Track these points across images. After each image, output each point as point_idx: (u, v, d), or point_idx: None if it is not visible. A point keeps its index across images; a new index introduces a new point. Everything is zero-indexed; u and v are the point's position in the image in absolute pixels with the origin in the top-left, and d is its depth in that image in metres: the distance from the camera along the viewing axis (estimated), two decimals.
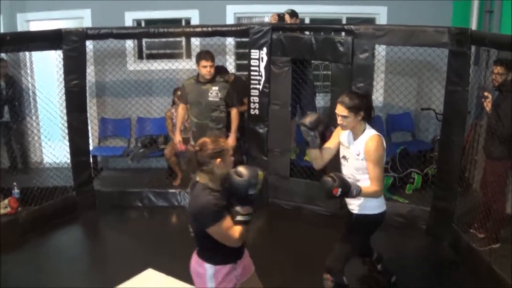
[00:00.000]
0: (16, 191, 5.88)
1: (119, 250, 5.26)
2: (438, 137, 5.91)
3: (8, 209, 5.58)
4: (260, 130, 6.10)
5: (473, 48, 4.91)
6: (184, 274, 3.55)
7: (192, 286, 3.44)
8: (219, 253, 2.90)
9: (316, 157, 3.75)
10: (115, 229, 5.89)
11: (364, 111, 3.52)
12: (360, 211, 3.68)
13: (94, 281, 4.68)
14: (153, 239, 5.42)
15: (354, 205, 3.70)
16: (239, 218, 2.83)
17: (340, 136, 3.74)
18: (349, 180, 3.41)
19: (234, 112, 5.79)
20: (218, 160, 2.84)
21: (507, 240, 4.79)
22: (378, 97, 7.19)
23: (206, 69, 5.51)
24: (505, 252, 4.48)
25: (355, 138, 3.60)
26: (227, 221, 2.79)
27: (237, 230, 2.82)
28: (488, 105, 4.74)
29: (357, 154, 3.56)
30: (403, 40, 5.29)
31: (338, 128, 3.71)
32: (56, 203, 5.93)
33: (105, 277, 4.66)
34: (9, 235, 5.15)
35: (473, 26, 6.24)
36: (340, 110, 3.51)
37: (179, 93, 6.07)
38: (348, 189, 3.31)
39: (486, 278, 4.37)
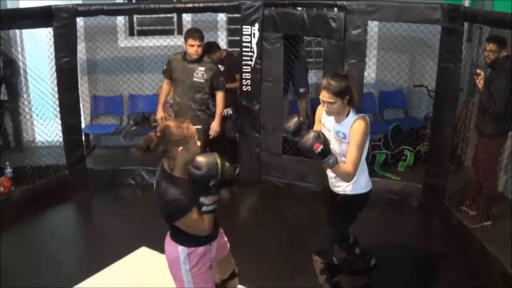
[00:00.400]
0: (8, 170, 5.89)
1: (112, 229, 5.27)
2: (431, 114, 5.91)
3: (1, 189, 5.58)
4: (253, 107, 6.09)
5: (466, 25, 4.88)
6: None
7: None
8: (192, 235, 2.79)
9: None
10: (108, 208, 5.90)
11: (350, 93, 3.35)
12: (346, 191, 3.60)
13: (87, 259, 4.72)
14: (146, 217, 5.35)
15: (339, 187, 3.63)
16: (204, 209, 2.69)
17: (322, 118, 3.63)
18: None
19: (219, 95, 5.52)
20: (180, 148, 2.67)
21: (498, 218, 4.85)
22: (370, 73, 7.16)
23: (192, 49, 5.29)
24: (497, 230, 4.52)
25: (338, 121, 3.47)
26: (195, 213, 2.68)
27: (205, 220, 2.71)
28: (480, 83, 4.75)
29: (342, 137, 3.43)
30: (395, 16, 5.26)
31: (318, 110, 3.63)
32: (49, 182, 5.91)
33: (98, 256, 4.67)
34: (2, 214, 5.14)
35: (466, 3, 6.20)
36: (326, 96, 3.33)
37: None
38: (328, 152, 3.17)
39: (477, 256, 4.42)
